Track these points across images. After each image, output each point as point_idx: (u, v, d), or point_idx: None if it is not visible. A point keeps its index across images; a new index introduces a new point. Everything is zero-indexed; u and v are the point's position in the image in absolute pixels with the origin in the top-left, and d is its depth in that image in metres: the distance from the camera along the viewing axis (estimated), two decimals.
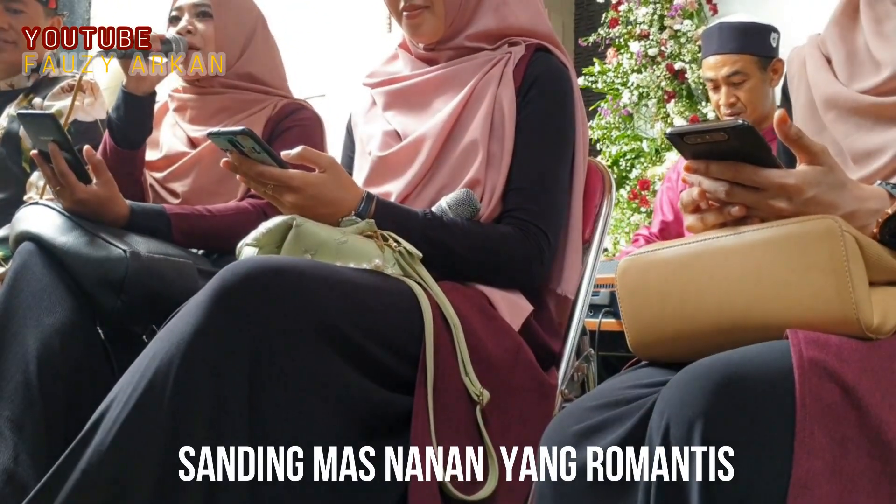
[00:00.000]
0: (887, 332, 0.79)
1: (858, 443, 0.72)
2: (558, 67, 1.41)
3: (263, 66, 1.83)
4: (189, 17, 1.75)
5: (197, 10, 1.75)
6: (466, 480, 1.11)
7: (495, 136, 1.35)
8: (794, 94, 1.14)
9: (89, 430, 0.99)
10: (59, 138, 1.44)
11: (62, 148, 1.45)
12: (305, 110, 1.80)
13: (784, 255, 0.79)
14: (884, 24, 1.02)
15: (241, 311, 1.01)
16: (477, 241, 1.28)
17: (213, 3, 1.75)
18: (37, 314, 1.33)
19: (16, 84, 2.11)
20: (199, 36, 1.74)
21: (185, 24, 1.73)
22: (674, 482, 0.74)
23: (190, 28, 1.73)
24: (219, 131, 1.17)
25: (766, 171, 0.82)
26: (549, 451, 0.86)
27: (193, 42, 1.73)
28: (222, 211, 1.62)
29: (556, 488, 0.84)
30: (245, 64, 1.80)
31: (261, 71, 1.82)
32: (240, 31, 1.79)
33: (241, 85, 1.79)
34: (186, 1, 1.76)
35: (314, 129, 1.78)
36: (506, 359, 1.22)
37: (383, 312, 1.12)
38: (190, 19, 1.75)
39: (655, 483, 0.74)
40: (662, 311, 0.88)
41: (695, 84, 3.38)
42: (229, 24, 1.77)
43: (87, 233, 1.41)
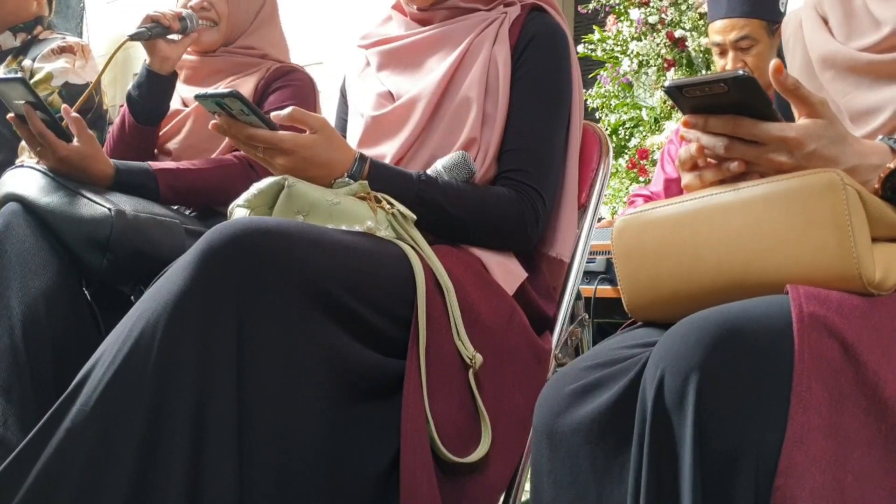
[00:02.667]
0: (889, 288, 0.77)
1: (855, 400, 0.71)
2: (554, 27, 1.39)
3: (265, 39, 1.86)
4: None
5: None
6: (459, 442, 1.10)
7: (490, 94, 1.33)
8: (789, 57, 1.12)
9: (74, 390, 0.99)
10: (33, 100, 1.43)
11: (37, 108, 1.43)
12: (298, 72, 1.81)
13: (784, 210, 0.78)
14: None
15: (229, 273, 1.00)
16: (472, 203, 1.26)
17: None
18: (21, 277, 1.32)
19: (3, 45, 2.08)
20: (215, 11, 1.78)
21: (199, 1, 1.77)
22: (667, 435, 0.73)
23: (205, 5, 1.77)
24: (206, 93, 1.15)
25: (767, 124, 0.80)
26: (545, 411, 0.85)
27: (209, 17, 1.77)
28: (207, 164, 1.63)
29: (552, 447, 0.84)
30: (249, 37, 1.83)
31: (262, 44, 1.85)
32: (250, 6, 1.83)
33: (239, 52, 1.82)
34: None
35: (306, 90, 1.79)
36: (499, 322, 1.21)
37: (375, 275, 1.10)
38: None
39: (648, 436, 0.73)
40: (659, 271, 0.87)
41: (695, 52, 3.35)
42: (242, 1, 1.81)
43: (72, 192, 1.40)
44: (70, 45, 2.04)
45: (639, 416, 0.75)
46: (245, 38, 1.83)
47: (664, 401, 0.73)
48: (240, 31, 1.82)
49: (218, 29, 1.79)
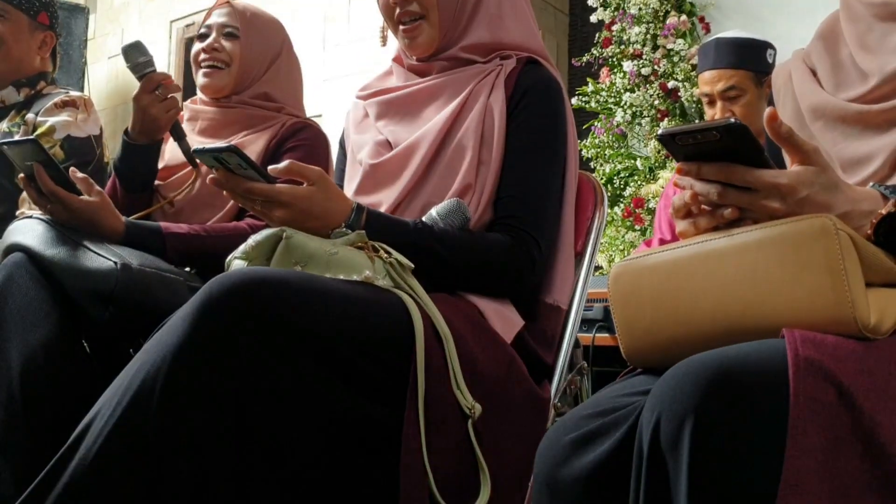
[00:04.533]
0: (884, 332, 0.78)
1: (851, 444, 0.70)
2: (548, 78, 1.41)
3: (281, 87, 1.88)
4: (216, 35, 1.82)
5: (224, 29, 1.83)
6: (458, 495, 1.09)
7: (486, 142, 1.35)
8: (780, 107, 1.14)
9: (73, 443, 0.98)
10: (43, 159, 1.44)
11: (47, 167, 1.45)
12: (311, 129, 1.83)
13: (779, 255, 0.78)
14: (866, 37, 1.03)
15: (228, 323, 1.00)
16: (468, 250, 1.27)
17: (241, 25, 1.83)
18: (22, 328, 1.32)
19: (7, 100, 2.10)
20: (226, 53, 1.81)
21: (211, 42, 1.80)
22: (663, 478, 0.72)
23: (216, 46, 1.81)
24: (203, 149, 1.16)
25: (759, 171, 0.81)
26: (545, 461, 0.84)
27: (220, 58, 1.81)
28: (219, 231, 1.62)
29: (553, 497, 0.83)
30: (263, 84, 1.86)
31: (277, 92, 1.87)
32: (265, 53, 1.86)
33: (255, 103, 1.84)
34: (215, 20, 1.84)
35: (318, 147, 1.81)
36: (498, 371, 1.21)
37: (373, 324, 1.10)
38: (217, 37, 1.82)
39: (644, 479, 0.73)
40: (656, 317, 0.87)
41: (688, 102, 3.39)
42: (255, 46, 1.84)
43: (78, 245, 1.40)
44: (73, 99, 2.06)
45: (635, 459, 0.75)
46: (259, 85, 1.85)
47: (660, 444, 0.72)
48: (253, 77, 1.84)
49: (228, 72, 1.81)
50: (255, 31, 1.84)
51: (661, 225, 2.57)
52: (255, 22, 1.85)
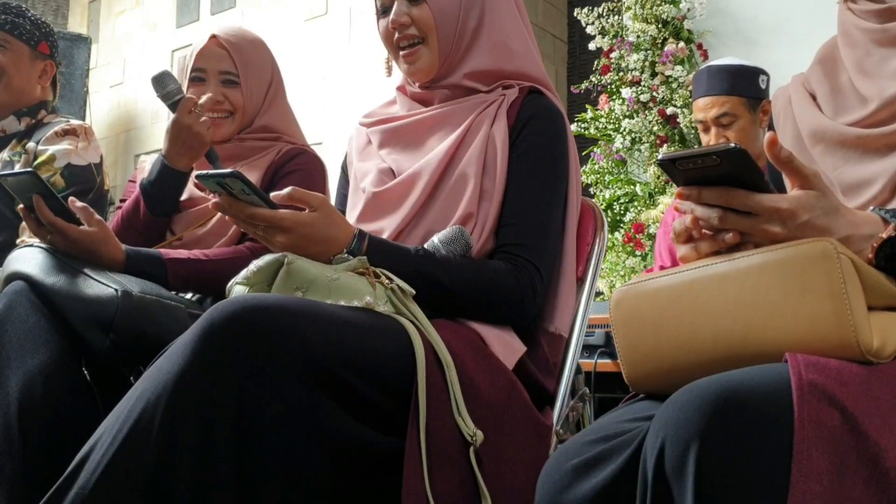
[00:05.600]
0: (887, 356, 0.77)
1: (856, 469, 0.70)
2: (550, 108, 1.42)
3: (277, 115, 1.89)
4: (215, 84, 1.81)
5: (223, 77, 1.82)
6: None
7: (488, 171, 1.35)
8: (780, 132, 1.15)
9: (72, 472, 0.97)
10: (42, 190, 1.45)
11: (46, 198, 1.45)
12: (307, 154, 1.84)
13: (780, 279, 0.78)
14: (864, 62, 1.04)
15: (229, 351, 1.00)
16: (469, 277, 1.27)
17: (239, 68, 1.82)
18: (21, 355, 1.31)
19: (7, 129, 2.11)
20: (229, 103, 1.81)
21: (214, 96, 1.79)
22: None
23: (220, 99, 1.80)
24: (207, 174, 1.17)
25: (759, 195, 0.82)
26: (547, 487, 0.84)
27: (225, 109, 1.81)
28: (219, 255, 1.62)
29: None
30: (262, 118, 1.86)
31: (275, 120, 1.88)
32: (261, 87, 1.86)
33: (254, 137, 1.85)
34: (211, 65, 1.82)
35: (315, 172, 1.81)
36: (499, 398, 1.20)
37: (374, 351, 1.10)
38: (217, 88, 1.81)
39: None
40: (658, 342, 0.87)
41: (687, 128, 3.41)
42: (254, 86, 1.84)
43: (78, 272, 1.40)
44: (73, 128, 2.08)
45: (640, 485, 0.74)
46: (259, 119, 1.85)
47: (664, 469, 0.72)
48: (254, 115, 1.85)
49: (233, 119, 1.82)
50: (251, 70, 1.84)
51: (662, 252, 2.57)
52: (249, 58, 1.84)
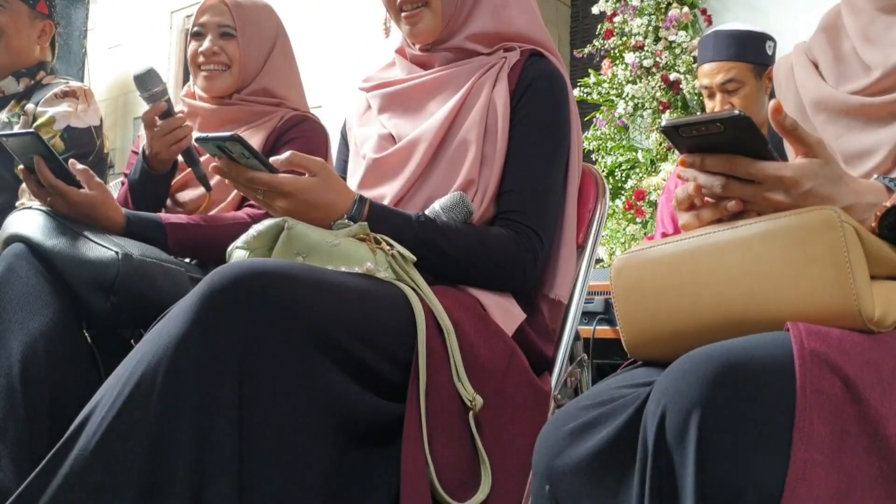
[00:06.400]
0: (889, 325, 0.77)
1: (857, 437, 0.70)
2: (553, 71, 1.40)
3: (279, 79, 1.88)
4: (213, 37, 1.81)
5: (221, 30, 1.82)
6: (459, 486, 1.09)
7: (489, 136, 1.34)
8: (782, 100, 1.14)
9: (73, 434, 0.97)
10: (43, 151, 1.44)
11: (48, 159, 1.44)
12: (310, 121, 1.83)
13: (782, 247, 0.78)
14: (869, 30, 1.03)
15: (229, 315, 1.00)
16: (470, 243, 1.27)
17: (237, 23, 1.82)
18: (22, 317, 1.31)
19: (6, 90, 2.09)
20: (225, 55, 1.81)
21: (210, 46, 1.79)
22: (669, 471, 0.72)
23: (216, 49, 1.80)
24: (206, 137, 1.16)
25: (763, 163, 0.81)
26: (544, 451, 0.84)
27: (221, 61, 1.81)
28: (218, 221, 1.62)
29: (552, 487, 0.83)
30: (262, 79, 1.85)
31: (276, 84, 1.86)
32: (261, 46, 1.85)
33: (255, 99, 1.84)
34: (210, 19, 1.82)
35: (317, 139, 1.81)
36: (499, 364, 1.21)
37: (375, 317, 1.10)
38: (215, 40, 1.81)
39: (650, 472, 0.73)
40: (658, 310, 0.87)
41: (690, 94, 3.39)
42: (252, 42, 1.83)
43: (78, 235, 1.40)
44: (73, 90, 2.06)
45: (640, 452, 0.74)
46: (258, 80, 1.84)
47: (665, 437, 0.72)
48: (252, 73, 1.84)
49: (230, 73, 1.81)
50: (250, 26, 1.83)
51: (664, 219, 2.57)
52: (249, 16, 1.83)
